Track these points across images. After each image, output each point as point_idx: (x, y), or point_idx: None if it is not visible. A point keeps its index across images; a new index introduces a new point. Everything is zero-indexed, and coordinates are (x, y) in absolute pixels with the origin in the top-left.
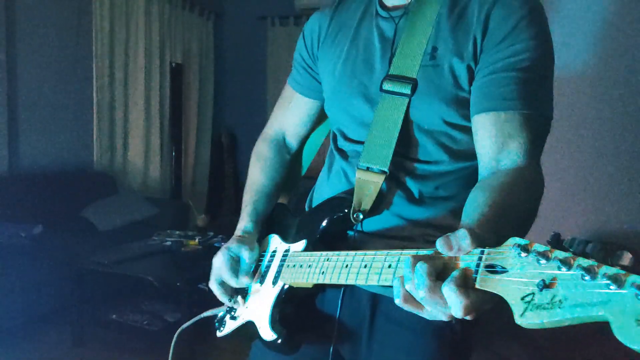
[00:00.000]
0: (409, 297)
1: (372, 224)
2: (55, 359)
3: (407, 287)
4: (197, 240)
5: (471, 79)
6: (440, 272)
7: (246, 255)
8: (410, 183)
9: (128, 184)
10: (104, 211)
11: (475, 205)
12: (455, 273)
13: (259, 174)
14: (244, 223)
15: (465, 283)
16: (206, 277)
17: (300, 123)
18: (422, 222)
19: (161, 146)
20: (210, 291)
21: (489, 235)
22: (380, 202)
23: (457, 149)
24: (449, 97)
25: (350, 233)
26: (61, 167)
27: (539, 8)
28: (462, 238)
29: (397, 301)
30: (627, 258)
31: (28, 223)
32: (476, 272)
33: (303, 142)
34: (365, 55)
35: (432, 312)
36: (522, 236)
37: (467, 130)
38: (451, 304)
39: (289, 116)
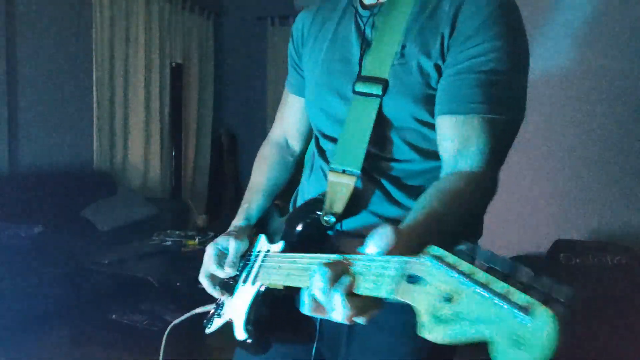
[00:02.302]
0: (314, 302)
1: (349, 223)
2: (55, 359)
3: (314, 291)
4: (197, 240)
5: (440, 77)
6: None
7: (232, 246)
8: (385, 182)
9: (128, 184)
10: (104, 211)
11: (416, 207)
12: (345, 279)
13: (257, 175)
14: (237, 221)
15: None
16: None
17: (298, 123)
18: (397, 220)
19: (161, 146)
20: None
21: (410, 240)
22: (355, 203)
23: (428, 148)
24: (418, 95)
25: (331, 232)
26: (61, 167)
27: (509, 4)
28: (386, 235)
29: (304, 309)
30: (527, 275)
31: (28, 223)
32: (397, 281)
33: (307, 142)
34: (343, 54)
35: (330, 316)
36: (454, 241)
37: None
38: (336, 308)
39: (287, 118)
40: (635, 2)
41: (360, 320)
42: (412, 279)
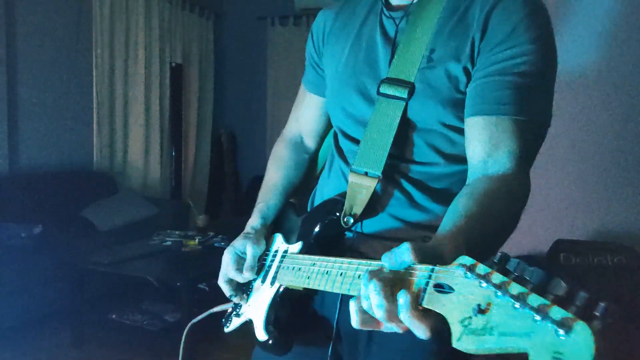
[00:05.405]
0: (367, 318)
1: (369, 225)
2: (55, 359)
3: (364, 304)
4: (197, 240)
5: (468, 81)
6: (395, 286)
7: (250, 250)
8: (406, 185)
9: (128, 184)
10: (104, 211)
11: (452, 214)
12: (406, 298)
13: (273, 172)
14: (253, 221)
15: (414, 303)
16: (206, 277)
17: (314, 121)
18: (419, 224)
19: (161, 146)
20: (211, 290)
21: (456, 247)
22: (374, 206)
23: (453, 152)
24: (446, 99)
25: (349, 234)
26: (61, 167)
27: (540, 10)
28: (403, 253)
29: (353, 323)
30: (562, 288)
31: (28, 223)
32: (424, 290)
33: (321, 140)
34: (367, 54)
35: (390, 327)
36: (498, 246)
37: (464, 132)
38: (413, 329)
39: (303, 115)
40: None
41: (423, 328)
42: (442, 288)
